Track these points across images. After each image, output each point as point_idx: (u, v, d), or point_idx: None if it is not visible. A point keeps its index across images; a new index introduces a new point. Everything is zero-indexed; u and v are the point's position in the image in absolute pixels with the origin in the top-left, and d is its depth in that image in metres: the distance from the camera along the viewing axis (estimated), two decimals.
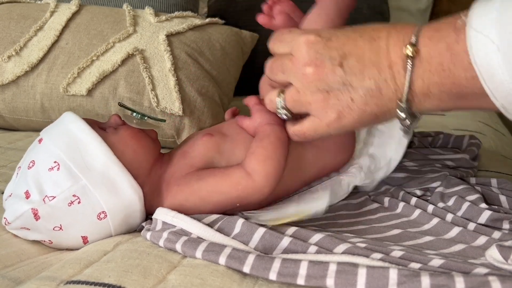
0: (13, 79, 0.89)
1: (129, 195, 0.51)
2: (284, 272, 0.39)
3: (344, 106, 0.42)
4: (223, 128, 0.58)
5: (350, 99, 0.42)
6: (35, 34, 0.93)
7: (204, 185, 0.50)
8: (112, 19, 0.97)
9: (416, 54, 0.39)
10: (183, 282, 0.40)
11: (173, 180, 0.53)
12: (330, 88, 0.42)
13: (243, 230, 0.45)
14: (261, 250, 0.43)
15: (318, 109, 0.43)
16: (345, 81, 0.41)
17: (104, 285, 0.40)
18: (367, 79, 0.41)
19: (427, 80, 0.39)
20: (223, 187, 0.50)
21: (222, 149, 0.54)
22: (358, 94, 0.41)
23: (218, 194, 0.50)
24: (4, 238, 0.53)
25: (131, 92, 0.86)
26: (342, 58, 0.42)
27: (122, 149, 0.52)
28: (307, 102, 0.44)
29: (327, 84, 0.42)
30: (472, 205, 0.51)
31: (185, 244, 0.44)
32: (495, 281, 0.34)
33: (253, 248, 0.44)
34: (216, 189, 0.50)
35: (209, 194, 0.50)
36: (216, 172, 0.51)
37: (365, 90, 0.41)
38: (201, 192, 0.50)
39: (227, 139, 0.56)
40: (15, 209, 0.49)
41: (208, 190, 0.50)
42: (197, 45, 0.95)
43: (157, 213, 0.50)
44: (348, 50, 0.42)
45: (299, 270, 0.39)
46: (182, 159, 0.55)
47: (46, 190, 0.49)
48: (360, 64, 0.41)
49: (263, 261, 0.40)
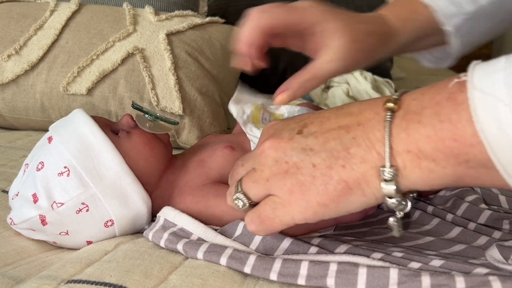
0: (13, 78, 0.89)
1: (139, 207, 0.51)
2: (284, 272, 0.39)
3: (306, 174, 0.34)
4: (245, 142, 0.57)
5: (311, 165, 0.34)
6: (35, 33, 0.93)
7: (220, 205, 0.49)
8: (112, 18, 0.96)
9: (399, 107, 0.33)
10: (184, 282, 0.40)
11: (187, 188, 0.52)
12: (289, 158, 0.35)
13: (244, 232, 0.45)
14: (262, 251, 0.43)
15: (276, 183, 0.36)
16: (304, 146, 0.35)
17: (105, 284, 0.40)
18: (331, 140, 0.34)
19: (415, 133, 0.31)
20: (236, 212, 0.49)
21: None
22: (320, 157, 0.34)
23: (230, 216, 0.49)
24: (4, 236, 0.53)
25: (131, 91, 0.86)
26: (302, 126, 0.37)
27: (135, 158, 0.51)
28: (264, 179, 0.37)
29: (285, 153, 0.36)
30: (471, 205, 0.51)
31: (186, 245, 0.44)
32: (496, 281, 0.34)
33: (254, 250, 0.44)
34: (230, 212, 0.48)
35: (222, 214, 0.49)
36: None
37: (328, 152, 0.34)
38: (216, 209, 0.49)
39: None
40: (23, 213, 0.49)
41: (223, 210, 0.49)
42: (197, 44, 0.95)
43: (162, 211, 0.50)
44: (310, 120, 0.37)
45: (300, 270, 0.39)
46: (199, 167, 0.54)
47: (54, 196, 0.48)
48: (323, 129, 0.35)
49: (263, 262, 0.40)
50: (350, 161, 0.33)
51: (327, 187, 0.34)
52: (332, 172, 0.34)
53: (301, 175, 0.35)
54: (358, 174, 0.33)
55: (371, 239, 0.48)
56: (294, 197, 0.35)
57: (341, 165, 0.33)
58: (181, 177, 0.54)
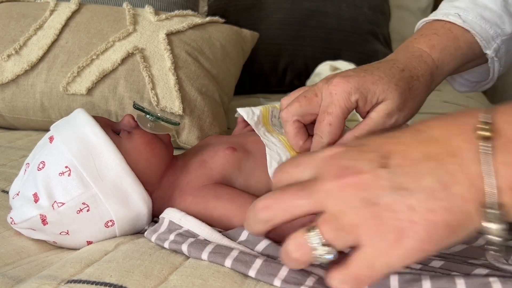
0: (13, 78, 0.89)
1: (139, 207, 0.51)
2: (290, 280, 0.38)
3: (403, 219, 0.29)
4: (247, 144, 0.56)
5: (407, 208, 0.29)
6: (34, 33, 0.93)
7: (219, 207, 0.49)
8: (112, 18, 0.96)
9: (495, 134, 0.29)
10: (184, 283, 0.40)
11: (188, 189, 0.52)
12: (378, 199, 0.30)
13: (249, 238, 0.44)
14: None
15: (368, 231, 0.30)
16: (395, 185, 0.30)
17: (106, 284, 0.40)
18: (425, 176, 0.30)
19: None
20: (234, 217, 0.49)
21: (243, 166, 0.53)
22: (416, 199, 0.29)
23: (228, 220, 0.49)
24: (4, 236, 0.53)
25: (131, 91, 0.86)
26: (382, 158, 0.31)
27: (136, 158, 0.51)
28: (352, 225, 0.31)
29: (373, 194, 0.30)
30: None
31: (191, 245, 0.44)
32: (496, 282, 0.34)
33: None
34: (228, 216, 0.49)
35: (220, 217, 0.49)
36: (234, 198, 0.50)
37: (426, 192, 0.29)
38: (214, 211, 0.49)
39: (249, 156, 0.54)
40: (23, 212, 0.49)
41: (221, 213, 0.49)
42: (197, 44, 0.95)
43: (166, 212, 0.50)
44: (389, 149, 0.32)
45: (306, 282, 0.38)
46: (200, 168, 0.54)
47: (55, 196, 0.48)
48: (409, 160, 0.30)
49: (270, 267, 0.40)
50: (453, 202, 0.29)
51: (429, 233, 0.29)
52: (436, 217, 0.29)
53: (398, 220, 0.30)
54: (462, 216, 0.29)
55: None
56: (391, 246, 0.30)
57: (444, 208, 0.29)
58: (182, 177, 0.54)
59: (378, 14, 1.38)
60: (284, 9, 1.30)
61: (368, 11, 1.35)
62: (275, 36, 1.28)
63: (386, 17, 1.43)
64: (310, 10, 1.31)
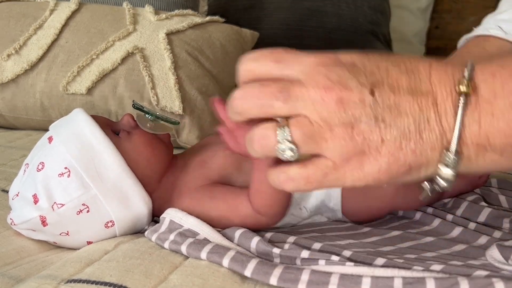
0: (13, 78, 0.89)
1: (139, 208, 0.51)
2: (285, 277, 0.39)
3: (372, 147, 0.31)
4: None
5: (380, 139, 0.31)
6: (34, 33, 0.93)
7: (214, 208, 0.49)
8: (112, 18, 0.96)
9: (472, 91, 0.30)
10: (184, 282, 0.40)
11: (186, 189, 0.52)
12: (356, 122, 0.31)
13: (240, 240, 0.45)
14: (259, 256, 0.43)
15: (335, 148, 0.31)
16: (376, 115, 0.31)
17: (106, 284, 0.40)
18: (404, 116, 0.31)
19: (487, 126, 0.30)
20: (232, 217, 0.49)
21: (242, 167, 0.53)
22: (390, 134, 0.31)
23: (226, 221, 0.49)
24: (4, 235, 0.53)
25: (131, 90, 0.86)
26: (373, 85, 0.31)
27: (136, 159, 0.51)
28: (322, 138, 0.31)
29: (353, 116, 0.31)
30: (471, 204, 0.51)
31: (190, 246, 0.44)
32: (499, 282, 0.34)
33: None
34: (225, 216, 0.49)
35: (218, 218, 0.49)
36: (228, 198, 0.50)
37: (401, 131, 0.31)
38: (211, 212, 0.49)
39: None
40: (23, 213, 0.49)
41: (218, 214, 0.49)
42: (197, 43, 0.95)
43: (167, 212, 0.50)
44: (379, 78, 0.32)
45: (301, 276, 0.38)
46: (199, 168, 0.53)
47: (55, 197, 0.48)
48: (396, 96, 0.31)
49: (265, 267, 0.40)
50: (421, 146, 0.31)
51: (390, 167, 0.31)
52: (400, 154, 0.31)
53: (367, 147, 0.31)
54: (424, 160, 0.31)
55: (370, 240, 0.48)
56: (350, 166, 0.31)
57: (411, 149, 0.31)
58: (181, 177, 0.54)
59: (378, 13, 1.38)
60: (284, 9, 1.30)
61: (368, 11, 1.35)
62: (275, 36, 1.28)
63: (386, 17, 1.43)
64: (310, 10, 1.31)
